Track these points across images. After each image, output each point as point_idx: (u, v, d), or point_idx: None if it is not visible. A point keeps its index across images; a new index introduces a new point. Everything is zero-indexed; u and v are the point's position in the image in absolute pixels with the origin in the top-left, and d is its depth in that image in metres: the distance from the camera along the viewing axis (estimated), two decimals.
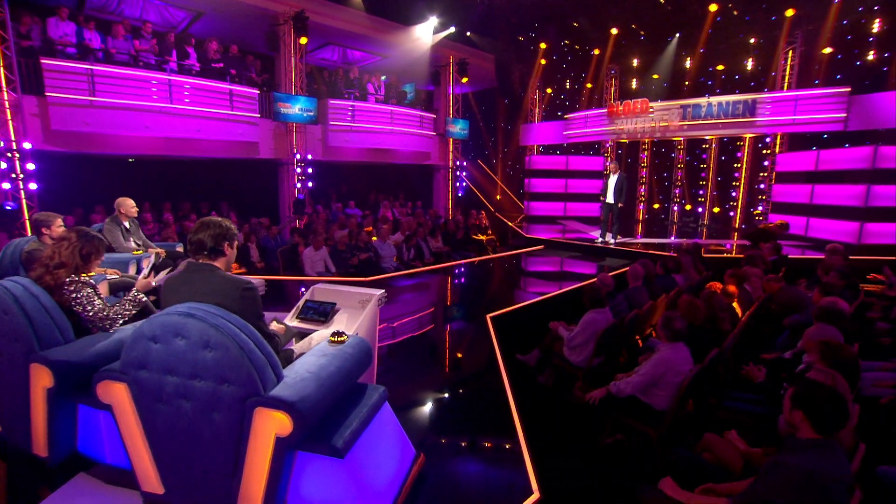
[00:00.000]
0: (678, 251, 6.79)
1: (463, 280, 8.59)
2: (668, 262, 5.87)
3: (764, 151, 12.13)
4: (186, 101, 9.64)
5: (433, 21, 13.31)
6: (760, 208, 12.13)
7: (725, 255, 9.23)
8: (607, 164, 10.16)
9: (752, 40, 12.19)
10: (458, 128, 15.51)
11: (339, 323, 3.23)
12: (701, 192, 14.15)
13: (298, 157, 11.81)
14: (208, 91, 9.95)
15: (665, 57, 13.32)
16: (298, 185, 11.93)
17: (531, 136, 16.95)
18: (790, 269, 7.10)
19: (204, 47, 10.35)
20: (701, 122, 11.83)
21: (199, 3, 10.78)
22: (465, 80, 14.95)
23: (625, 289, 5.35)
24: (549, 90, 16.06)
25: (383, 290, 3.50)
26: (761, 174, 12.17)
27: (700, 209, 14.17)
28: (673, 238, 11.87)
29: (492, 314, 5.37)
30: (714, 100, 11.57)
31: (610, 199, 9.99)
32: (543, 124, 16.66)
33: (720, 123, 11.55)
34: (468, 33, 14.58)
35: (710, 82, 13.49)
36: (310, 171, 12.06)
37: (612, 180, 9.92)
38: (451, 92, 15.31)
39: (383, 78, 14.29)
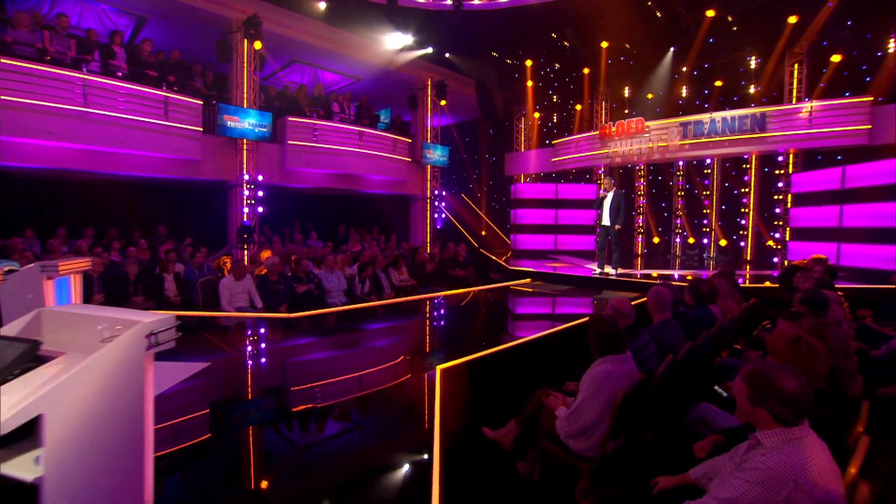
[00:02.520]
0: (712, 275, 4.98)
1: (424, 318, 6.70)
2: (701, 286, 4.07)
3: (777, 172, 10.65)
4: (115, 107, 8.03)
5: (408, 39, 12.11)
6: (777, 235, 10.49)
7: (754, 285, 7.45)
8: (601, 190, 8.56)
9: (753, 58, 11.02)
10: (437, 154, 14.04)
11: (23, 386, 1.34)
12: (705, 221, 12.57)
13: (247, 178, 10.11)
14: (136, 97, 8.37)
15: (659, 74, 12.12)
16: (247, 209, 10.17)
17: (517, 165, 15.57)
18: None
19: (137, 48, 8.87)
20: (704, 140, 10.41)
21: (142, 6, 9.48)
22: (443, 102, 13.66)
23: (648, 324, 3.51)
24: (536, 115, 14.78)
25: (168, 317, 1.63)
26: (776, 197, 10.62)
27: (705, 240, 12.54)
28: (677, 272, 10.13)
29: (445, 365, 3.47)
30: (718, 115, 10.20)
31: (606, 220, 8.31)
32: (530, 152, 15.30)
33: (726, 141, 10.12)
34: (447, 55, 13.42)
35: (707, 104, 12.21)
36: (260, 194, 10.34)
37: (609, 199, 8.28)
38: (429, 116, 13.96)
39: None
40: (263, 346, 5.07)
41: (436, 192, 14.34)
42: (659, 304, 3.40)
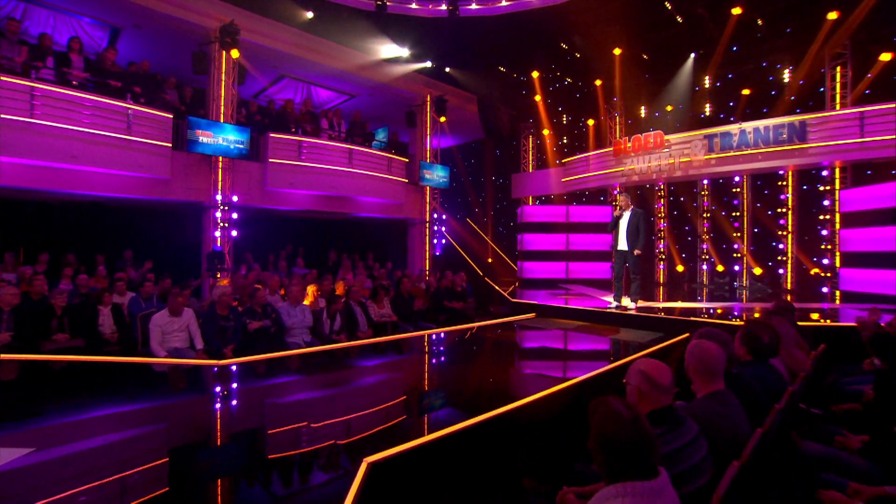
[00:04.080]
0: (765, 314, 3.68)
1: (383, 370, 5.51)
2: (761, 333, 2.84)
3: (820, 188, 9.35)
4: (68, 119, 7.27)
5: (404, 51, 11.36)
6: (826, 261, 9.10)
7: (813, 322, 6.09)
8: (615, 211, 7.38)
9: (787, 70, 9.90)
10: (437, 175, 13.09)
11: None
12: (735, 246, 11.23)
13: (220, 198, 9.23)
14: (93, 108, 7.59)
15: (678, 85, 11.08)
16: (219, 233, 9.25)
17: (525, 186, 14.54)
18: None
19: (100, 57, 8.19)
20: (733, 153, 9.21)
21: (114, 16, 8.88)
22: (443, 119, 12.81)
23: (689, 398, 2.31)
24: (545, 131, 13.79)
25: None
26: (820, 217, 9.28)
27: (736, 267, 11.17)
28: (706, 304, 8.79)
29: (376, 457, 2.29)
30: (749, 125, 9.04)
31: (622, 245, 7.11)
32: (538, 172, 14.29)
33: (759, 154, 8.92)
34: (447, 69, 12.63)
35: (732, 118, 11.06)
36: (235, 216, 9.42)
37: (625, 219, 7.11)
38: (429, 134, 13.09)
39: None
40: (133, 404, 3.88)
41: (435, 216, 13.31)
42: (705, 369, 2.19)
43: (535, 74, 12.49)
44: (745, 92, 10.38)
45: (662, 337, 5.89)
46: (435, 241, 13.27)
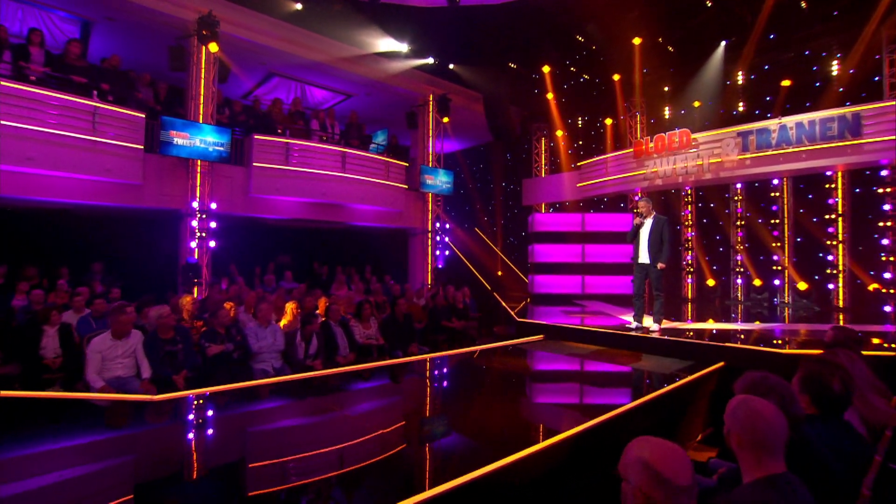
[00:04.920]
0: (825, 348, 2.95)
1: (353, 403, 4.88)
2: (830, 380, 2.16)
3: (879, 191, 8.51)
4: (23, 118, 6.93)
5: (403, 47, 10.92)
6: (888, 275, 8.24)
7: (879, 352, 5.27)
8: (635, 218, 6.67)
9: (835, 61, 9.15)
10: (440, 180, 12.55)
11: None
12: (775, 257, 10.40)
13: (196, 205, 8.81)
14: (52, 106, 7.25)
15: (706, 79, 10.40)
16: (195, 244, 8.80)
17: (537, 192, 13.93)
18: None
19: (64, 51, 7.88)
20: (771, 152, 8.46)
21: (84, 8, 8.63)
22: (445, 119, 12.32)
23: (731, 481, 1.65)
24: (559, 132, 13.18)
25: None
26: (879, 224, 8.43)
27: (776, 281, 10.31)
28: (741, 324, 8.02)
29: None
30: (790, 120, 8.28)
31: (644, 257, 6.43)
32: (551, 177, 13.67)
33: (802, 152, 8.15)
34: (450, 66, 12.16)
35: (769, 114, 10.30)
36: (213, 225, 8.98)
37: (647, 228, 6.44)
38: (431, 136, 12.60)
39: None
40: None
41: (437, 225, 12.74)
42: (756, 441, 1.53)
43: (546, 70, 11.93)
44: (786, 83, 9.62)
45: (693, 366, 5.18)
46: (437, 252, 12.69)
